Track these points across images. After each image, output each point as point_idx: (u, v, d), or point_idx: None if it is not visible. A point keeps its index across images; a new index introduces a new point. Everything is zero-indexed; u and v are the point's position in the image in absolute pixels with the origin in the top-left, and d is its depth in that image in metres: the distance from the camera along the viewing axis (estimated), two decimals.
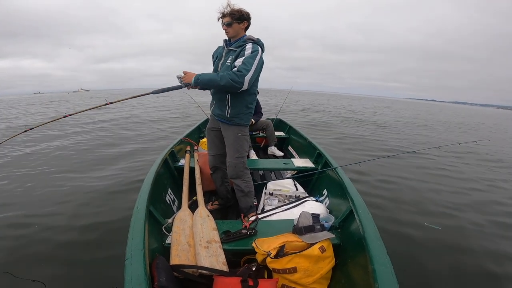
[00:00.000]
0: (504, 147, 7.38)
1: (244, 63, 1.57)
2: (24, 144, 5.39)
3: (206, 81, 1.60)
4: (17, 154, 4.69)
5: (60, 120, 2.02)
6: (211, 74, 1.64)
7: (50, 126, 7.09)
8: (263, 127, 3.72)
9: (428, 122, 13.95)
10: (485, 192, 3.53)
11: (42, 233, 2.17)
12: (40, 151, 4.85)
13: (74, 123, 8.33)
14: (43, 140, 5.82)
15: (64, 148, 5.12)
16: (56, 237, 2.11)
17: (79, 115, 2.96)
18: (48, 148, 5.12)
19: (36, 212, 2.50)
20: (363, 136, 7.55)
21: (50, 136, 6.29)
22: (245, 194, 1.89)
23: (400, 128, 10.17)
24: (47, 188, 3.09)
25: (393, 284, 0.95)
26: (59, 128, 7.27)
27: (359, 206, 1.45)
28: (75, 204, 2.66)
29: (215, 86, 1.65)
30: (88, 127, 7.72)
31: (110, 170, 3.75)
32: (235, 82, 1.54)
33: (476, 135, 10.52)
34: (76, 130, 7.18)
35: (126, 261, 1.02)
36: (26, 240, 2.07)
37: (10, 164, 4.10)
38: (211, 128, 1.97)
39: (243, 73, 1.54)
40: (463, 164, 4.92)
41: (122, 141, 5.79)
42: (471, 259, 2.03)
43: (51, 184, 3.23)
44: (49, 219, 2.37)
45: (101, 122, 8.86)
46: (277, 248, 1.26)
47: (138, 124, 8.56)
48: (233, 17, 1.66)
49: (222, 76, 1.55)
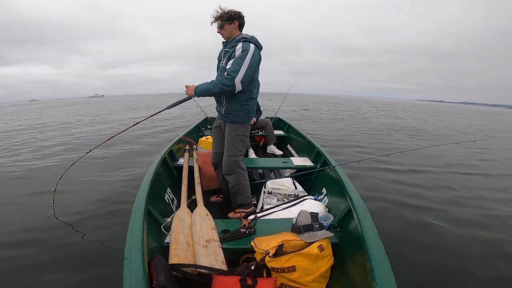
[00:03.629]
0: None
1: (233, 65, 1.63)
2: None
3: (203, 91, 1.74)
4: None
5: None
6: (206, 84, 1.74)
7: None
8: (262, 126, 3.72)
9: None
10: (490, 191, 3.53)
11: (41, 233, 2.17)
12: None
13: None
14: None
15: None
16: (55, 237, 2.11)
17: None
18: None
19: (35, 212, 2.50)
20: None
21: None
22: (236, 191, 1.95)
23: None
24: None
25: (391, 282, 0.95)
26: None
27: (357, 205, 1.45)
28: (75, 203, 2.66)
29: (211, 94, 1.76)
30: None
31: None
32: (226, 86, 1.62)
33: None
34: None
35: (125, 260, 1.02)
36: (24, 240, 2.07)
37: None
38: (215, 126, 2.06)
39: (232, 76, 1.61)
40: (471, 161, 4.91)
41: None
42: (471, 258, 2.03)
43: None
44: (46, 220, 2.36)
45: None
46: (276, 247, 1.26)
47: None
48: (222, 19, 1.72)
49: (215, 84, 1.66)
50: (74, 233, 2.16)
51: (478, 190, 3.51)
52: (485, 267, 1.94)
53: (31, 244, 2.01)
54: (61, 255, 1.89)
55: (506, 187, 3.67)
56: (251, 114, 1.88)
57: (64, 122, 10.85)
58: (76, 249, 1.96)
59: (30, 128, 9.23)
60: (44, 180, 3.42)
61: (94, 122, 10.93)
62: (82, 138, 6.78)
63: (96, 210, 2.55)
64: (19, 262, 1.82)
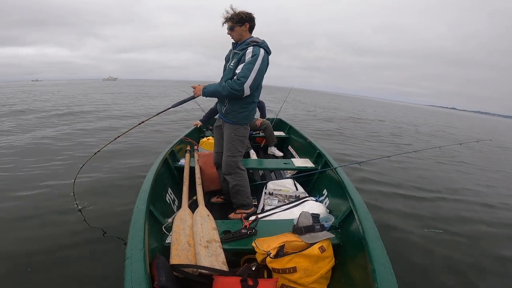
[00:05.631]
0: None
1: (243, 69, 1.63)
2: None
3: (211, 93, 1.75)
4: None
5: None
6: (215, 85, 1.75)
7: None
8: (262, 128, 3.73)
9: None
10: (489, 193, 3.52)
11: (39, 231, 2.17)
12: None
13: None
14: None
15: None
16: (55, 237, 2.11)
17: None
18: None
19: (34, 211, 2.51)
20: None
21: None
22: (236, 191, 1.96)
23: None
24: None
25: (392, 284, 0.95)
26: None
27: (359, 206, 1.45)
28: (74, 203, 2.67)
29: (219, 96, 1.78)
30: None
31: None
32: (235, 90, 1.63)
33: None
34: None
35: (126, 260, 1.02)
36: (24, 240, 2.07)
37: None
38: (217, 126, 2.06)
39: (242, 81, 1.62)
40: (469, 165, 4.88)
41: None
42: (471, 258, 2.03)
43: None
44: (45, 218, 2.37)
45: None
46: (277, 248, 1.26)
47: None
48: (233, 21, 1.72)
49: (224, 87, 1.66)
50: (73, 232, 2.15)
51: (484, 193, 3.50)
52: (486, 267, 1.94)
53: (26, 243, 2.01)
54: (60, 254, 1.89)
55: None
56: (250, 117, 1.88)
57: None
58: (76, 248, 1.95)
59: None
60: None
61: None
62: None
63: (95, 210, 2.55)
64: (14, 262, 1.81)
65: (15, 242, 2.04)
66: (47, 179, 3.18)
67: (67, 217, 2.39)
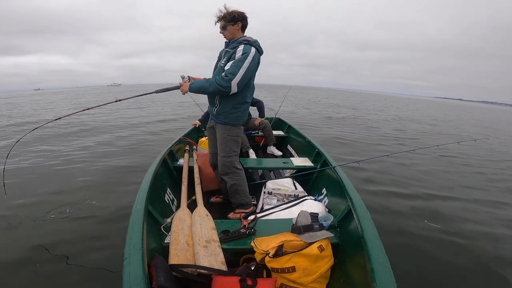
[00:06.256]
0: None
1: (231, 66, 1.62)
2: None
3: (197, 89, 1.74)
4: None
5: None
6: (201, 81, 1.74)
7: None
8: (260, 127, 3.72)
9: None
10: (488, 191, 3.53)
11: (39, 231, 2.17)
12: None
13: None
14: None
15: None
16: (54, 237, 2.11)
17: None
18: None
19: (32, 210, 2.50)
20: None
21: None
22: (234, 191, 1.95)
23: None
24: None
25: (391, 283, 0.95)
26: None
27: (357, 205, 1.45)
28: (74, 202, 2.66)
29: (206, 92, 1.76)
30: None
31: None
32: (222, 87, 1.61)
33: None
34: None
35: (125, 260, 1.02)
36: (23, 239, 2.07)
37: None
38: (209, 127, 2.05)
39: (229, 78, 1.60)
40: (468, 162, 4.89)
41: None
42: (470, 258, 2.03)
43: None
44: (45, 220, 2.36)
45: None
46: (276, 247, 1.26)
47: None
48: (225, 20, 1.72)
49: (211, 83, 1.65)
50: (72, 233, 2.15)
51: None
52: (485, 267, 1.94)
53: (25, 243, 2.01)
54: (60, 254, 1.89)
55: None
56: (242, 118, 1.87)
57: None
58: (75, 249, 1.96)
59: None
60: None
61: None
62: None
63: (95, 209, 2.55)
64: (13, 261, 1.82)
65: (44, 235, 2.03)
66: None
67: (66, 217, 2.39)
